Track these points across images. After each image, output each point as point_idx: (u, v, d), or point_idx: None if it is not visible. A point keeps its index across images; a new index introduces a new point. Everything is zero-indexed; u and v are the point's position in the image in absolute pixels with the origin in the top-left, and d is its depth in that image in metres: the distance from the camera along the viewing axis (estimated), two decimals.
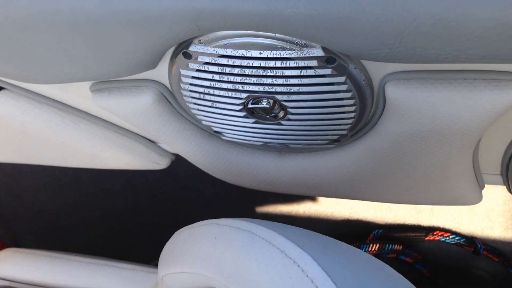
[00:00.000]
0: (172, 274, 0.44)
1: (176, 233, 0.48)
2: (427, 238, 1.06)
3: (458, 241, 1.05)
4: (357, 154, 0.57)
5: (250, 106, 0.52)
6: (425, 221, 1.08)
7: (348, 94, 0.48)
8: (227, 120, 0.55)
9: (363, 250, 1.04)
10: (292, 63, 0.45)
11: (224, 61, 0.46)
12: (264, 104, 0.51)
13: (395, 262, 1.09)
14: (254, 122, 0.54)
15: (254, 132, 0.56)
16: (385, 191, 0.62)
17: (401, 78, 0.46)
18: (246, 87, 0.49)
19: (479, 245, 1.05)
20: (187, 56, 0.47)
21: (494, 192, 1.02)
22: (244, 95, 0.50)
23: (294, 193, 0.67)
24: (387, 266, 0.32)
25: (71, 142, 0.65)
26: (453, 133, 0.48)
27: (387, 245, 1.04)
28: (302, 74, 0.46)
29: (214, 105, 0.53)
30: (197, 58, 0.47)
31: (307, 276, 0.27)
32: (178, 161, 0.75)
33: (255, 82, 0.48)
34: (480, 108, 0.44)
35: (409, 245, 1.08)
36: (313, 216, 1.12)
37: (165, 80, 0.54)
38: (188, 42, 0.47)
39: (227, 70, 0.47)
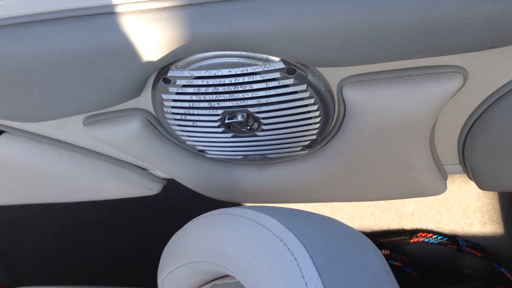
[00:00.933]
0: (169, 274, 0.48)
1: (169, 241, 0.52)
2: (412, 241, 1.10)
3: (441, 240, 1.09)
4: (328, 157, 0.62)
5: (227, 121, 0.57)
6: (408, 225, 1.12)
7: (311, 100, 0.53)
8: (208, 137, 0.60)
9: None
10: (258, 77, 0.51)
11: (199, 82, 0.52)
12: (239, 118, 0.56)
13: None
14: (232, 137, 0.59)
15: (234, 146, 0.61)
16: (359, 190, 0.66)
17: (355, 81, 0.52)
18: (221, 104, 0.54)
19: (461, 242, 1.09)
20: (167, 81, 0.53)
21: (467, 189, 1.07)
22: (220, 111, 0.55)
23: (277, 202, 0.71)
24: (348, 226, 0.36)
25: (69, 176, 0.70)
26: (405, 125, 0.53)
27: None
28: (268, 86, 0.52)
29: (195, 124, 0.58)
30: (175, 82, 0.53)
31: (274, 234, 0.31)
32: (171, 191, 0.79)
33: (228, 98, 0.53)
34: (425, 99, 0.50)
35: (396, 249, 1.12)
36: None
37: (149, 107, 0.59)
38: (166, 69, 0.52)
39: (203, 89, 0.53)
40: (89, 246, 1.19)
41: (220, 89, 0.52)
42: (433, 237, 1.10)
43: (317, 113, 0.55)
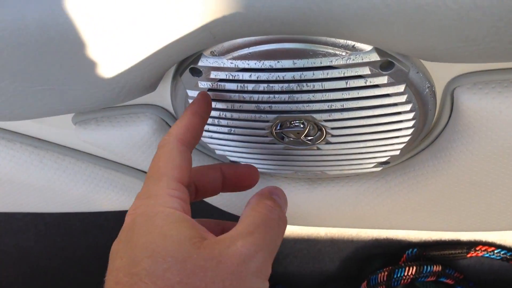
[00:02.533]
0: None
1: None
2: (469, 255, 0.97)
3: (505, 255, 0.96)
4: (410, 177, 0.48)
5: (278, 129, 0.42)
6: (464, 235, 0.99)
7: (407, 107, 0.39)
8: (249, 148, 0.46)
9: (398, 274, 0.95)
10: (336, 72, 0.36)
11: (245, 76, 0.37)
12: (298, 126, 0.41)
13: (433, 285, 1.00)
14: (283, 149, 0.45)
15: (283, 160, 0.47)
16: (446, 219, 0.53)
17: (476, 82, 0.37)
18: (275, 107, 0.39)
19: None
20: (196, 72, 0.38)
21: None
22: (272, 116, 0.40)
23: (329, 225, 0.57)
24: None
25: (54, 185, 0.55)
26: None
27: (425, 267, 0.94)
28: (348, 85, 0.37)
29: (232, 131, 0.43)
30: (209, 74, 0.38)
31: None
32: None
33: (286, 100, 0.38)
34: None
35: (449, 264, 0.99)
36: (336, 237, 1.03)
37: (167, 104, 0.45)
38: (196, 55, 0.37)
39: (250, 87, 0.38)
40: (77, 246, 1.06)
41: (277, 87, 0.38)
42: (495, 251, 0.96)
43: (411, 123, 0.41)
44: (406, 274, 0.94)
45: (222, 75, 0.37)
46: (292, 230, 1.04)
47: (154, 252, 0.27)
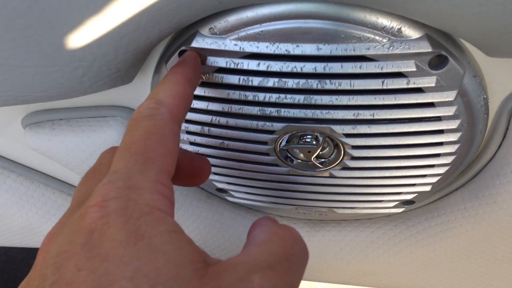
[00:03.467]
0: None
1: None
2: None
3: None
4: (438, 222, 0.40)
5: (284, 146, 0.34)
6: None
7: (454, 123, 0.31)
8: (242, 171, 0.37)
9: None
10: (371, 67, 0.28)
11: (252, 65, 0.29)
12: (308, 142, 0.33)
13: None
14: (285, 173, 0.36)
15: (283, 190, 0.38)
16: (481, 280, 0.43)
17: None
18: (285, 112, 0.31)
19: None
20: None
21: None
22: (279, 126, 0.32)
23: (330, 281, 0.48)
24: None
25: None
26: None
27: None
28: (385, 87, 0.29)
29: (224, 145, 0.34)
30: (204, 61, 0.29)
31: None
32: None
33: (301, 102, 0.30)
34: None
35: None
36: None
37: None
38: (190, 34, 0.29)
39: (256, 81, 0.30)
40: None
41: (291, 83, 0.29)
42: None
43: (454, 148, 0.32)
44: None
45: (221, 62, 0.29)
46: None
47: (138, 273, 0.18)
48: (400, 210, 0.39)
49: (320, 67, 0.28)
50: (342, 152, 0.33)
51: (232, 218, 0.43)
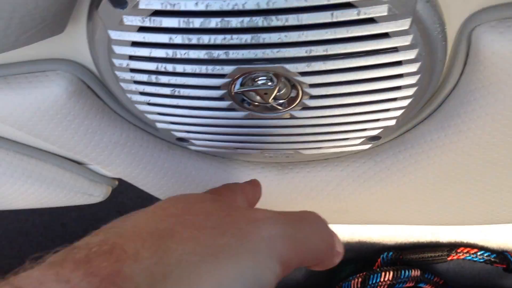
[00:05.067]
0: None
1: None
2: (449, 258, 0.89)
3: (488, 257, 0.89)
4: (406, 156, 0.39)
5: (237, 89, 0.32)
6: (444, 236, 0.91)
7: (412, 54, 0.29)
8: (199, 118, 0.35)
9: (373, 280, 0.87)
10: None
11: (190, 5, 0.27)
12: (263, 82, 0.31)
13: None
14: (244, 118, 0.35)
15: (244, 134, 0.37)
16: (451, 211, 0.43)
17: (505, 17, 0.28)
18: (233, 54, 0.29)
19: None
20: (119, 1, 0.27)
21: None
22: (229, 68, 0.30)
23: None
24: None
25: None
26: None
27: (403, 271, 0.86)
28: (334, 19, 0.27)
29: (176, 93, 0.33)
30: (137, 4, 0.27)
31: None
32: (122, 186, 0.54)
33: (249, 42, 0.28)
34: None
35: (428, 268, 0.91)
36: None
37: (85, 58, 0.34)
38: None
39: (198, 23, 0.28)
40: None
41: (234, 22, 0.27)
42: (478, 253, 0.89)
43: (415, 79, 0.31)
44: (382, 280, 0.85)
45: (156, 4, 0.27)
46: None
47: None
48: (367, 146, 0.39)
49: (263, 3, 0.26)
50: (300, 91, 0.32)
51: (196, 167, 0.42)
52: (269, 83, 0.31)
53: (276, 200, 0.43)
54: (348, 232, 0.92)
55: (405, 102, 0.33)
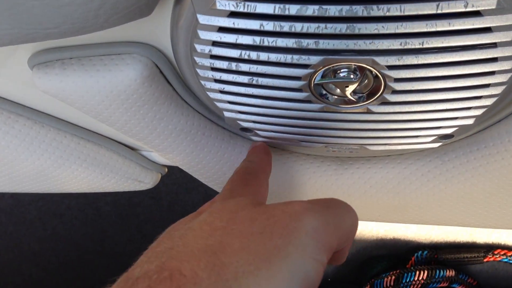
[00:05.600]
0: None
1: None
2: (486, 260, 0.88)
3: None
4: (477, 157, 0.38)
5: (319, 81, 0.31)
6: (481, 238, 0.90)
7: (510, 50, 0.28)
8: (271, 108, 0.34)
9: (408, 279, 0.86)
10: None
11: None
12: (345, 74, 0.30)
13: None
14: (319, 110, 0.34)
15: (315, 127, 0.36)
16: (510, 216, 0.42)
17: None
18: (324, 44, 0.28)
19: None
20: None
21: None
22: (316, 59, 0.29)
23: (360, 220, 0.47)
24: None
25: (2, 155, 0.43)
26: None
27: (438, 271, 0.85)
28: (439, 11, 0.26)
29: (253, 82, 0.32)
30: None
31: None
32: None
33: (343, 32, 0.27)
34: None
35: (463, 269, 0.90)
36: None
37: (162, 42, 0.33)
38: None
39: (294, 10, 0.27)
40: (33, 238, 0.93)
41: (333, 10, 0.26)
42: None
43: (506, 77, 0.30)
44: (416, 278, 0.84)
45: None
46: None
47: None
48: (437, 145, 0.38)
49: None
50: (383, 85, 0.31)
51: None
52: (352, 76, 0.30)
53: (333, 194, 0.42)
54: (382, 229, 0.91)
55: (490, 101, 0.32)
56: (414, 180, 0.41)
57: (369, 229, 0.90)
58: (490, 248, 0.89)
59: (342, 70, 0.30)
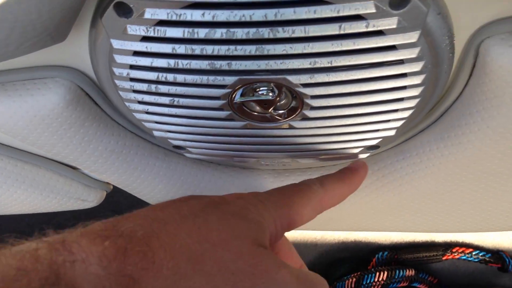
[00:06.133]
0: None
1: None
2: (444, 258, 0.90)
3: (483, 257, 0.90)
4: (404, 165, 0.39)
5: (238, 100, 0.32)
6: (440, 236, 0.92)
7: (417, 66, 0.29)
8: (197, 127, 0.35)
9: (368, 280, 0.87)
10: (327, 11, 0.26)
11: (196, 15, 0.27)
12: (264, 92, 0.31)
13: None
14: (242, 127, 0.35)
15: (242, 143, 0.37)
16: (448, 218, 0.44)
17: None
18: (236, 65, 0.29)
19: (507, 260, 0.90)
20: (123, 10, 0.27)
21: None
22: (230, 79, 0.30)
23: (303, 227, 0.48)
24: None
25: None
26: None
27: (398, 271, 0.87)
28: (342, 31, 0.27)
29: (175, 102, 0.33)
30: (142, 13, 0.27)
31: None
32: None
33: (253, 53, 0.28)
34: None
35: (423, 268, 0.92)
36: (297, 241, 0.94)
37: (85, 65, 0.33)
38: None
39: (202, 34, 0.27)
40: None
41: (240, 33, 0.27)
42: (473, 253, 0.90)
43: (418, 91, 0.31)
44: (376, 279, 0.86)
45: (162, 14, 0.27)
46: None
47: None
48: (366, 155, 0.39)
49: (271, 14, 0.26)
50: (301, 102, 0.32)
51: (192, 174, 0.42)
52: (270, 94, 0.31)
53: None
54: (343, 232, 0.92)
55: (407, 113, 0.33)
56: None
57: (330, 233, 0.92)
58: (448, 246, 0.91)
59: (260, 89, 0.31)
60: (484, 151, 0.34)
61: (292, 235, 0.93)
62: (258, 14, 0.26)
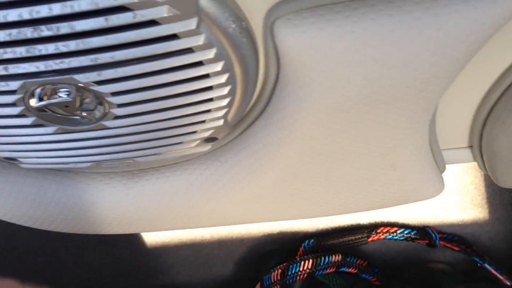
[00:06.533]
0: None
1: None
2: (370, 239, 0.90)
3: (408, 235, 0.91)
4: (246, 154, 0.38)
5: (36, 105, 0.30)
6: (364, 218, 0.93)
7: (209, 53, 0.28)
8: (10, 137, 0.33)
9: (293, 271, 0.87)
10: (83, 3, 0.25)
11: None
12: (61, 95, 0.30)
13: (336, 277, 0.92)
14: (54, 133, 0.33)
15: (62, 149, 0.35)
16: (302, 204, 0.43)
17: (301, 8, 0.27)
18: (13, 68, 0.28)
19: (434, 235, 0.91)
20: None
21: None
22: (14, 84, 0.29)
23: (159, 230, 0.47)
24: None
25: None
26: (401, 93, 0.30)
27: (323, 258, 0.87)
28: (109, 24, 0.26)
29: None
30: None
31: None
32: None
33: (25, 55, 0.27)
34: (455, 34, 0.27)
35: (350, 251, 0.92)
36: (223, 238, 0.93)
37: None
38: None
39: None
40: None
41: (2, 35, 0.26)
42: (398, 232, 0.91)
43: (224, 78, 0.30)
44: (301, 269, 0.86)
45: None
46: (169, 236, 0.93)
47: None
48: (207, 148, 0.38)
49: (25, 13, 0.25)
50: (105, 101, 0.30)
51: (37, 185, 0.40)
52: (66, 96, 0.30)
53: (127, 210, 0.42)
54: (266, 224, 0.92)
55: (223, 102, 0.32)
56: (201, 184, 0.41)
57: (255, 226, 0.91)
58: (373, 227, 0.91)
59: (60, 90, 0.30)
60: (306, 132, 0.33)
61: (217, 232, 0.93)
62: (12, 14, 0.25)
